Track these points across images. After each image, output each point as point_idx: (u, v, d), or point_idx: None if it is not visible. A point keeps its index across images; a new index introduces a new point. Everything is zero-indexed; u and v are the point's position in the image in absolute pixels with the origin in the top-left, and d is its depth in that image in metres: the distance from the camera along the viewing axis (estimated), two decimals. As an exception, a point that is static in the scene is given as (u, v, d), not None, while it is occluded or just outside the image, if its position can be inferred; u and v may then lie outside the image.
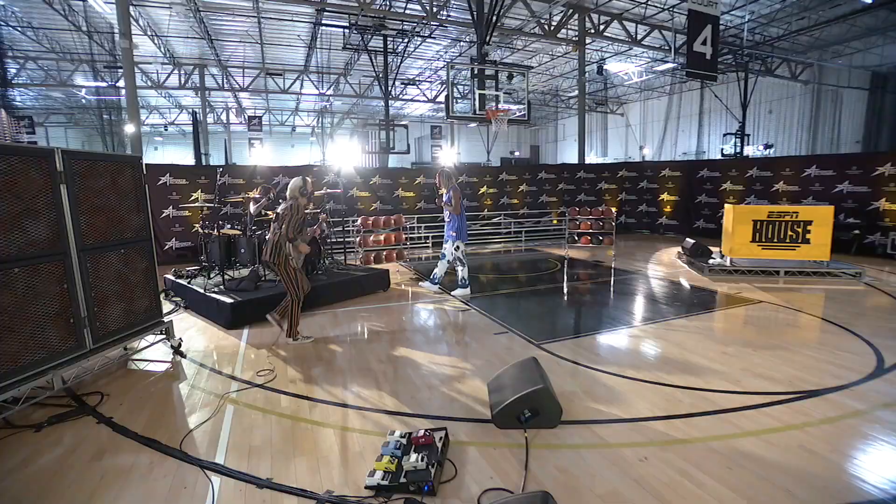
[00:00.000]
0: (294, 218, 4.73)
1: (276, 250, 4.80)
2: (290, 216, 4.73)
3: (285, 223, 4.73)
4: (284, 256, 4.80)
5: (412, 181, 12.68)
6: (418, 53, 20.97)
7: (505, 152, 32.77)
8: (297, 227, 4.78)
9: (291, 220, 4.73)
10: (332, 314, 6.10)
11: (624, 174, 14.29)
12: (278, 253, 4.79)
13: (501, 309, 6.32)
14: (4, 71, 12.17)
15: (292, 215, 4.74)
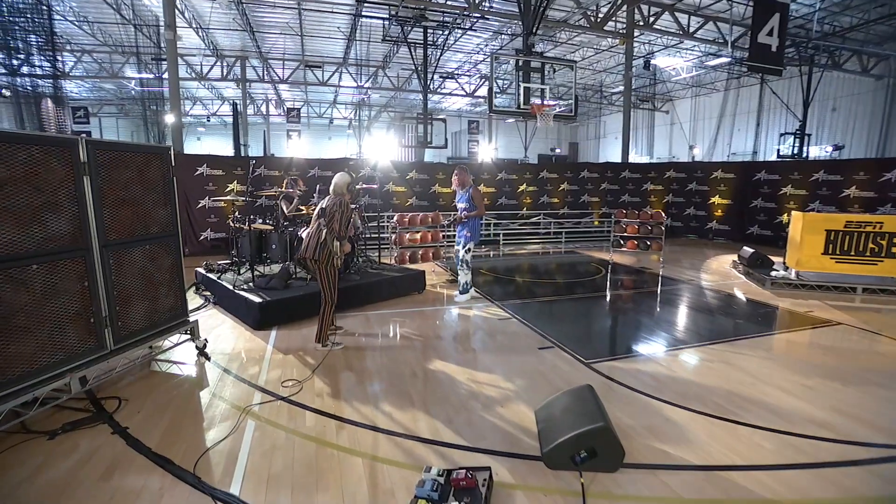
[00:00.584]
0: (344, 214, 4.49)
1: (321, 248, 4.50)
2: (340, 212, 4.47)
3: (335, 220, 4.44)
4: (329, 255, 4.50)
5: (450, 176, 12.25)
6: (458, 46, 20.49)
7: (543, 149, 31.94)
8: (347, 224, 4.52)
9: (342, 216, 4.47)
10: (364, 317, 5.77)
11: (672, 175, 13.49)
12: (323, 250, 4.49)
13: (544, 318, 5.86)
14: (54, 63, 12.42)
15: (342, 211, 4.47)
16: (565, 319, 6.02)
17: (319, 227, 4.55)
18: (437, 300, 6.64)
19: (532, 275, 8.73)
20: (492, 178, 12.78)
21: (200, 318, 5.66)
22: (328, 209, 4.53)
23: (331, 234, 4.45)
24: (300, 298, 5.47)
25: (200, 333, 4.67)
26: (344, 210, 4.51)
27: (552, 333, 5.21)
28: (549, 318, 5.94)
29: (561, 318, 6.03)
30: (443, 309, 6.22)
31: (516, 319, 5.74)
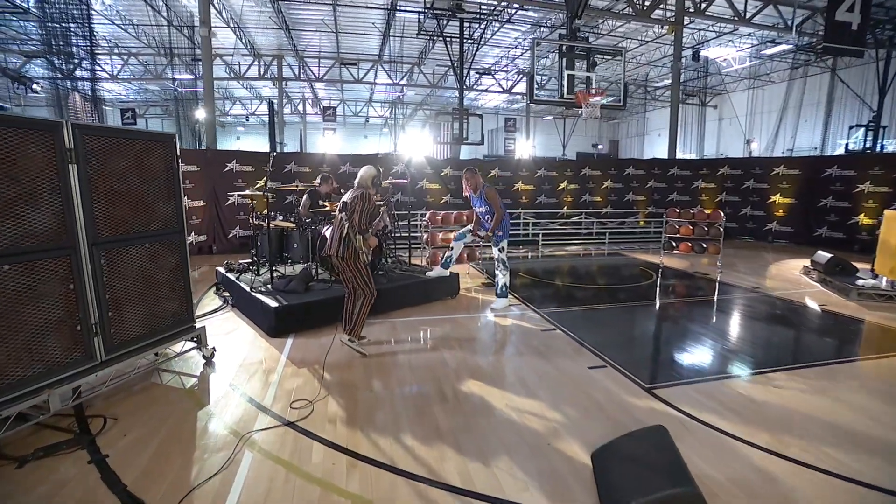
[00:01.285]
0: (365, 207, 4.17)
1: (344, 243, 4.15)
2: (361, 205, 4.14)
3: (355, 213, 4.11)
4: (354, 250, 4.15)
5: (486, 174, 11.59)
6: (495, 41, 19.78)
7: (582, 146, 30.78)
8: (368, 217, 4.21)
9: (362, 210, 4.15)
10: (391, 324, 5.20)
11: (725, 172, 12.36)
12: (347, 246, 4.13)
13: (591, 330, 5.13)
14: (93, 66, 12.52)
15: (363, 204, 4.15)
16: (616, 332, 5.27)
17: (342, 221, 4.20)
18: (471, 306, 6.00)
19: (575, 278, 7.96)
20: (531, 175, 12.03)
21: (215, 322, 5.26)
22: (349, 203, 4.16)
23: (352, 228, 4.10)
24: (321, 303, 4.95)
25: (210, 340, 4.22)
26: (366, 203, 4.17)
27: (603, 349, 4.49)
28: (598, 330, 5.20)
29: (611, 330, 5.28)
30: (477, 317, 5.58)
31: (560, 331, 5.04)
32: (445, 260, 6.03)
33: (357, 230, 4.11)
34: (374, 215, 4.40)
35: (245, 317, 5.34)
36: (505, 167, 12.01)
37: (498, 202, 5.62)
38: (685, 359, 4.46)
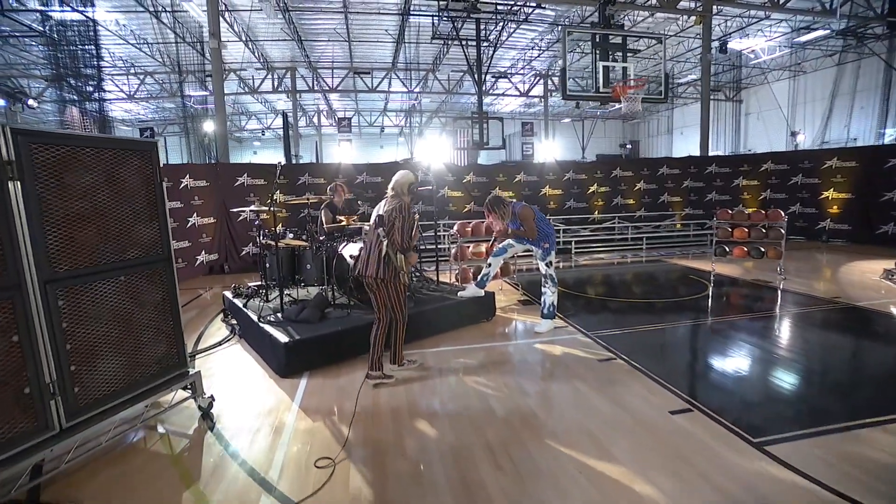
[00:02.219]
0: (406, 221, 3.64)
1: (383, 264, 3.63)
2: (401, 219, 3.60)
3: (395, 229, 3.58)
4: (394, 271, 3.65)
5: (511, 179, 10.79)
6: (511, 43, 19.04)
7: (601, 148, 29.76)
8: (409, 231, 3.68)
9: (403, 224, 3.61)
10: (420, 356, 4.40)
11: (769, 167, 11.32)
12: (388, 267, 3.63)
13: (657, 357, 4.27)
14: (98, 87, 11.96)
15: (404, 218, 3.62)
16: (688, 359, 4.39)
17: (379, 238, 3.61)
18: (511, 330, 5.18)
19: (619, 291, 7.07)
20: (558, 178, 11.17)
21: (218, 359, 4.54)
22: (386, 216, 3.60)
23: (392, 246, 3.57)
24: (338, 335, 4.19)
25: (211, 382, 3.52)
26: (406, 216, 3.63)
27: (681, 384, 3.63)
28: (665, 357, 4.34)
29: (681, 357, 4.41)
30: (520, 344, 4.75)
31: (621, 359, 4.18)
32: (482, 278, 5.23)
33: (398, 248, 3.57)
34: (413, 228, 3.72)
35: (253, 350, 4.61)
36: (530, 171, 11.19)
37: (531, 221, 4.84)
38: (789, 399, 3.56)
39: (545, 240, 4.95)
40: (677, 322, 5.34)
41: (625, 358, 4.20)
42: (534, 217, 4.87)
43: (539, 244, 4.96)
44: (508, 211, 4.86)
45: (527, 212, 4.85)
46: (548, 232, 4.97)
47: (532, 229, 4.83)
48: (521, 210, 4.86)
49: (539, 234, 4.90)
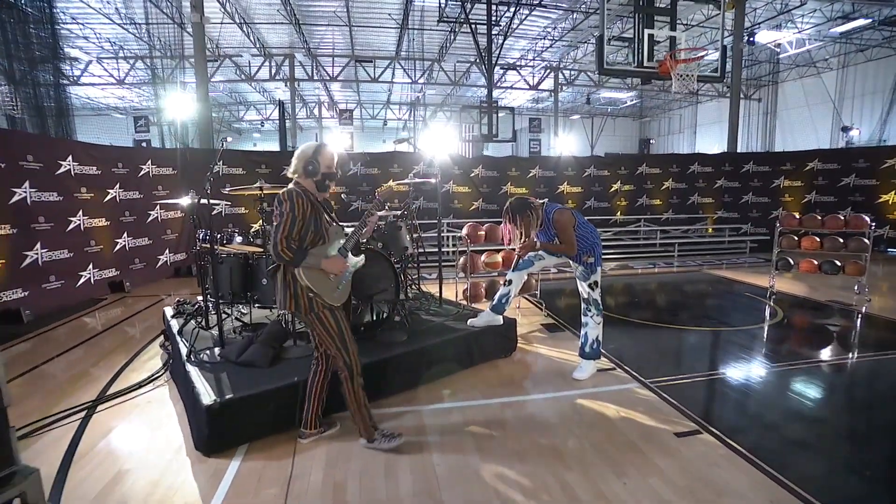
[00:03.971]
0: (289, 215, 2.30)
1: (284, 290, 2.40)
2: (281, 214, 2.31)
3: (277, 230, 2.30)
4: (296, 296, 2.38)
5: (525, 173, 9.36)
6: (521, 31, 17.50)
7: (610, 147, 28.20)
8: (302, 231, 2.35)
9: (285, 221, 2.29)
10: (415, 417, 3.00)
11: (815, 166, 9.85)
12: (287, 290, 2.40)
13: (765, 431, 2.84)
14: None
15: (284, 211, 2.30)
16: (824, 438, 2.96)
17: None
18: (539, 372, 3.75)
19: (667, 314, 5.59)
20: (577, 175, 9.74)
21: (130, 408, 3.14)
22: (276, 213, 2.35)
23: (275, 253, 2.30)
24: (293, 390, 2.76)
25: (88, 467, 2.13)
26: (293, 208, 2.30)
27: (822, 495, 2.21)
28: (777, 431, 2.91)
29: (806, 432, 2.98)
30: (556, 399, 3.31)
31: (712, 435, 2.75)
32: (499, 301, 3.80)
33: (284, 257, 2.28)
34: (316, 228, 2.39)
35: (181, 398, 3.21)
36: (546, 166, 9.75)
37: (571, 231, 3.41)
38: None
39: (589, 251, 3.52)
40: (766, 365, 3.90)
41: (716, 432, 2.77)
42: (574, 224, 3.45)
43: (579, 258, 3.54)
44: (539, 218, 3.43)
45: (566, 217, 3.42)
46: (592, 241, 3.54)
47: (571, 242, 3.41)
48: (559, 215, 3.43)
49: (581, 245, 3.48)
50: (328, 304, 2.40)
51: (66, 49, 18.00)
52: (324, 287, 2.38)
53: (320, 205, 2.43)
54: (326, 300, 2.39)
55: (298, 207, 2.29)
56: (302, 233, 2.32)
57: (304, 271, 2.33)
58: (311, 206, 2.35)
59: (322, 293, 2.37)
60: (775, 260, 6.03)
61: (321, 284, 2.37)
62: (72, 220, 5.83)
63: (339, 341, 2.44)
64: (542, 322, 4.92)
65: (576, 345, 4.13)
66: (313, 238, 2.38)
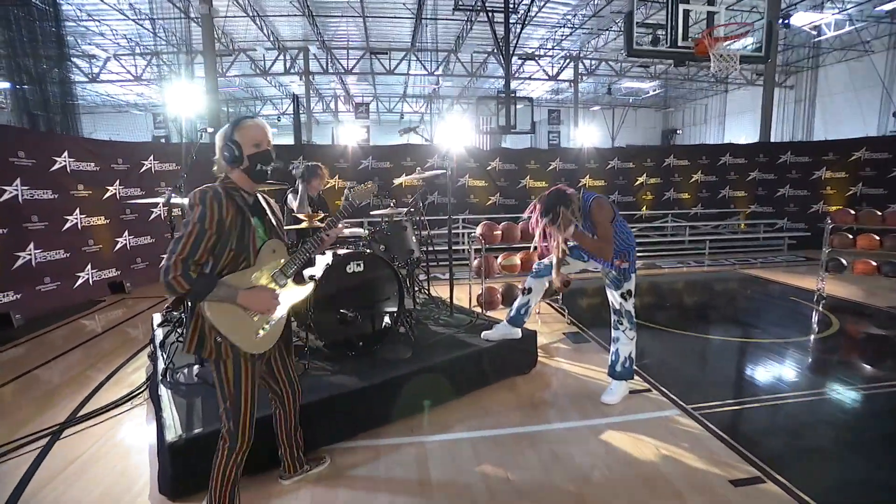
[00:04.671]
0: (195, 228, 1.64)
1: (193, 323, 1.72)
2: (191, 225, 1.64)
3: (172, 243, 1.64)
4: (209, 335, 1.71)
5: (545, 166, 8.82)
6: (540, 19, 16.82)
7: (631, 139, 27.23)
8: (215, 248, 1.69)
9: (193, 231, 1.63)
10: (417, 449, 2.56)
11: (862, 156, 9.04)
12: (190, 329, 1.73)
13: (846, 484, 2.32)
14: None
15: (196, 223, 1.64)
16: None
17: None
18: (561, 394, 3.26)
19: (704, 322, 5.02)
20: (600, 167, 9.15)
21: (110, 427, 2.77)
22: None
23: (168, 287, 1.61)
24: (271, 422, 2.34)
25: None
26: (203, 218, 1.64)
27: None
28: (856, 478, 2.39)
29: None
30: (584, 429, 2.83)
31: (779, 485, 2.24)
32: (517, 312, 3.32)
33: (176, 288, 1.60)
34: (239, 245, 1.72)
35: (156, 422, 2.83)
36: (567, 158, 9.19)
37: (608, 225, 2.85)
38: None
39: (623, 255, 3.01)
40: (835, 387, 3.35)
41: (783, 482, 2.26)
42: (613, 219, 2.93)
43: (610, 262, 3.03)
44: (577, 211, 2.88)
45: (604, 209, 2.87)
46: (627, 244, 3.02)
47: (608, 238, 2.87)
48: (597, 205, 2.89)
49: (618, 247, 2.97)
50: (241, 353, 1.71)
51: (83, 46, 18.04)
52: (238, 329, 1.69)
53: (257, 206, 1.82)
54: (240, 347, 1.69)
55: (210, 215, 1.63)
56: (214, 251, 1.67)
57: (211, 306, 1.64)
58: (235, 211, 1.70)
59: (233, 337, 1.67)
60: (825, 260, 5.40)
61: (235, 326, 1.68)
62: (68, 219, 5.54)
63: (229, 404, 1.75)
64: (564, 331, 4.42)
65: (603, 358, 3.66)
66: (232, 258, 1.70)
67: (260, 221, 1.81)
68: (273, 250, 1.82)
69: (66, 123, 7.96)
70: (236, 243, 1.70)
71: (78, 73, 19.05)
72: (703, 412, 2.93)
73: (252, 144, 1.76)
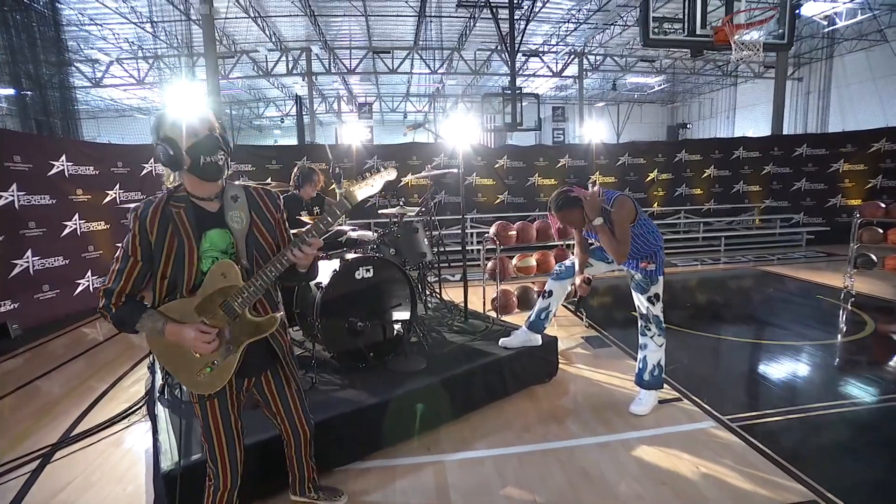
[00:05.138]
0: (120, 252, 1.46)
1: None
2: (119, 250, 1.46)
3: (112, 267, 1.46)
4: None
5: (553, 163, 8.61)
6: (544, 15, 16.57)
7: (636, 135, 26.89)
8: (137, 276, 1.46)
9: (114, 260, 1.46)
10: (436, 470, 2.35)
11: (883, 147, 8.74)
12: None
13: None
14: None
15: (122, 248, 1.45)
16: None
17: None
18: (584, 404, 3.04)
19: (730, 323, 4.81)
20: (611, 163, 8.92)
21: (104, 449, 2.56)
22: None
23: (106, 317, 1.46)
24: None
25: None
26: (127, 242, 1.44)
27: None
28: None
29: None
30: (612, 445, 2.60)
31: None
32: (537, 316, 3.12)
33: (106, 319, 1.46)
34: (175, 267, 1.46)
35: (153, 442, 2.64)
36: (576, 154, 8.96)
37: (627, 226, 2.66)
38: None
39: (649, 257, 2.80)
40: (879, 392, 3.11)
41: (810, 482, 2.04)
42: (634, 219, 2.71)
43: (636, 264, 2.82)
44: (597, 207, 2.68)
45: (626, 209, 2.67)
46: (654, 244, 2.81)
47: (625, 240, 2.67)
48: (619, 205, 2.69)
49: (642, 248, 2.77)
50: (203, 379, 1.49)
51: (86, 51, 17.94)
52: (179, 367, 1.49)
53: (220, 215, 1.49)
54: (185, 385, 1.53)
55: (133, 239, 1.41)
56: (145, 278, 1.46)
57: (150, 339, 1.49)
58: (168, 230, 1.42)
59: (178, 375, 1.51)
60: (853, 256, 5.14)
61: (175, 362, 1.49)
62: (67, 225, 5.36)
63: (206, 444, 1.58)
64: (583, 335, 4.20)
65: (625, 364, 3.46)
66: (168, 287, 1.47)
67: (221, 234, 1.49)
68: (223, 275, 1.46)
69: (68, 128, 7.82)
70: (171, 268, 1.44)
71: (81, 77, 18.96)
72: (740, 424, 2.71)
73: (188, 135, 1.41)
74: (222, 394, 1.54)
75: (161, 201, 1.45)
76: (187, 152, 1.42)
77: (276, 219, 1.60)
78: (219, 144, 1.45)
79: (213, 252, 1.49)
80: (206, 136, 1.44)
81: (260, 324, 1.51)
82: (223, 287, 1.46)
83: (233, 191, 1.54)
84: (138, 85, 19.78)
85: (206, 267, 1.47)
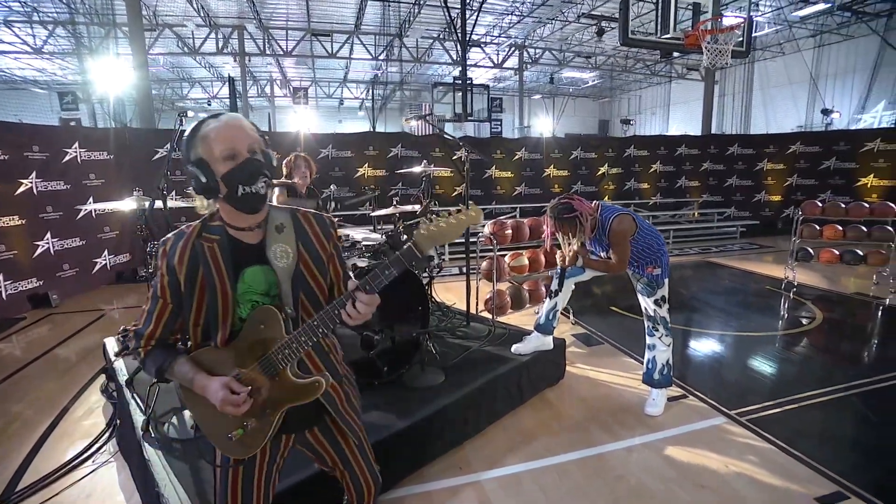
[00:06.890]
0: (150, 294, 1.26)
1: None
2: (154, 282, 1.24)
3: None
4: None
5: (510, 156, 8.62)
6: (488, 6, 16.49)
7: (570, 128, 27.91)
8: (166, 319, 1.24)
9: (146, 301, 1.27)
10: (477, 491, 2.18)
11: (798, 149, 9.65)
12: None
13: None
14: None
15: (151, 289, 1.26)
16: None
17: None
18: (598, 407, 2.99)
19: (696, 315, 5.03)
20: (564, 157, 9.08)
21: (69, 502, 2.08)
22: None
23: None
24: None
25: None
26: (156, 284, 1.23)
27: None
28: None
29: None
30: (639, 448, 2.57)
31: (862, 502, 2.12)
32: (546, 317, 3.05)
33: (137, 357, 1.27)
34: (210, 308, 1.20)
35: (136, 488, 2.22)
36: (532, 148, 9.02)
37: (626, 244, 2.72)
38: None
39: (653, 261, 2.82)
40: (842, 385, 3.35)
41: (867, 496, 2.14)
42: (633, 234, 2.72)
43: (642, 269, 2.83)
44: (593, 227, 2.70)
45: (625, 227, 2.70)
46: (658, 249, 2.83)
47: (623, 259, 2.74)
48: (618, 224, 2.69)
49: (646, 254, 2.79)
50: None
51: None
52: (210, 423, 1.23)
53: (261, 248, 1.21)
54: (219, 448, 1.25)
55: (161, 279, 1.19)
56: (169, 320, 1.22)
57: (182, 387, 1.25)
58: (197, 269, 1.17)
59: (206, 431, 1.25)
60: (794, 250, 5.60)
61: (207, 417, 1.23)
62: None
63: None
64: (571, 332, 4.19)
65: (623, 361, 3.50)
66: (201, 332, 1.23)
67: (262, 272, 1.21)
68: (261, 324, 1.19)
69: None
70: (203, 317, 1.19)
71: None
72: (748, 417, 2.80)
73: (223, 158, 1.13)
74: (250, 462, 1.25)
75: (192, 234, 1.19)
76: (222, 179, 1.14)
77: (329, 253, 1.30)
78: (261, 169, 1.17)
79: (252, 295, 1.22)
80: (247, 161, 1.15)
81: (303, 388, 1.19)
82: (262, 338, 1.19)
83: (279, 218, 1.24)
84: (35, 54, 17.25)
85: (244, 313, 1.21)
